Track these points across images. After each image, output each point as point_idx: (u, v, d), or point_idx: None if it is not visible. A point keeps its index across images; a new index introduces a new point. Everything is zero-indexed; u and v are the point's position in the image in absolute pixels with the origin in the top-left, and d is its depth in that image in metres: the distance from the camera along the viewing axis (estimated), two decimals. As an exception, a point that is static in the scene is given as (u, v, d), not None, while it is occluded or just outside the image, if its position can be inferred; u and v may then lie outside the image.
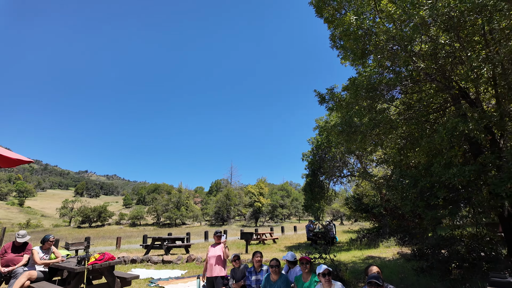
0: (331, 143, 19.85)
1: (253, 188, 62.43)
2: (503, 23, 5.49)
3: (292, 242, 21.18)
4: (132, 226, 63.80)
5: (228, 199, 60.51)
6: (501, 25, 5.53)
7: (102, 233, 43.88)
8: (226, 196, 61.12)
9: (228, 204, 60.02)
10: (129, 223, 67.08)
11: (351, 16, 6.23)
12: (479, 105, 6.56)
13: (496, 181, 5.06)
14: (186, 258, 12.54)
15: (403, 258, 10.10)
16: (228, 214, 60.01)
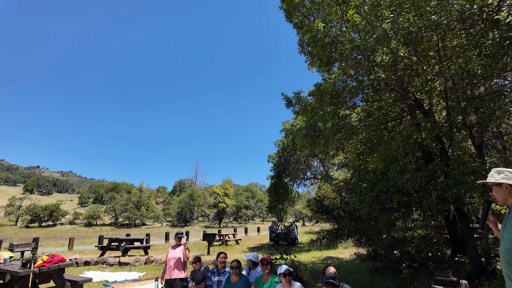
0: (296, 146, 20.27)
1: (218, 188, 61.93)
2: (455, 41, 5.96)
3: (255, 243, 21.29)
4: (88, 226, 60.31)
5: (192, 200, 59.38)
6: (453, 42, 6.00)
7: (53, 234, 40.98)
8: (190, 196, 59.94)
9: (191, 204, 58.88)
10: (84, 223, 63.33)
11: (319, 23, 6.41)
12: (432, 116, 7.06)
13: (443, 186, 5.47)
14: (145, 260, 12.10)
15: (359, 258, 10.56)
16: (191, 214, 58.86)
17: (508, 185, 2.39)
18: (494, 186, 2.48)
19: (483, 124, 6.27)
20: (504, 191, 2.41)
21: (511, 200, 2.40)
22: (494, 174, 2.50)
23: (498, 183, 2.43)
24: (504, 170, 2.45)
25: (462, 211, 6.89)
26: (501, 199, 2.45)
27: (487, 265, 6.43)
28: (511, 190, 2.39)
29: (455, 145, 7.57)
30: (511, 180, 2.38)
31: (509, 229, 2.33)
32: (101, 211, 65.82)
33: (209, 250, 15.62)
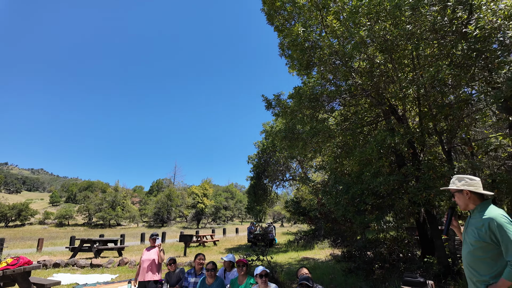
0: (276, 148, 20.42)
1: (197, 189, 61.25)
2: (428, 50, 6.21)
3: (233, 244, 21.22)
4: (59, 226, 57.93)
5: (169, 200, 58.36)
6: (426, 52, 6.26)
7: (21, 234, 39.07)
8: (167, 196, 58.89)
9: (169, 205, 57.86)
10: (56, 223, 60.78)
11: (299, 28, 6.50)
12: (405, 122, 7.32)
13: (414, 190, 5.68)
14: (118, 262, 11.77)
15: (335, 259, 10.77)
16: (168, 215, 57.84)
17: (468, 191, 2.52)
18: (456, 193, 2.60)
19: (452, 131, 6.57)
20: (465, 197, 2.54)
21: (471, 205, 2.53)
22: (455, 181, 2.63)
23: (459, 190, 2.56)
24: (464, 177, 2.58)
25: (431, 213, 7.18)
26: (462, 205, 2.58)
27: (453, 266, 6.73)
28: (471, 196, 2.51)
29: (426, 150, 7.88)
30: (471, 187, 2.51)
31: (470, 233, 2.45)
32: (74, 211, 63.41)
33: (186, 251, 15.41)
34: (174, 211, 59.16)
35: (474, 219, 2.46)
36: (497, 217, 2.29)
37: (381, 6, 5.68)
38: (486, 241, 2.31)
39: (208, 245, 20.33)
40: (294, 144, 7.97)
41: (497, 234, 2.25)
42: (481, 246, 2.34)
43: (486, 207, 2.43)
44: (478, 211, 2.46)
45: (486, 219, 2.33)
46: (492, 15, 3.97)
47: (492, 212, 2.35)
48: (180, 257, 13.98)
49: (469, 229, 2.48)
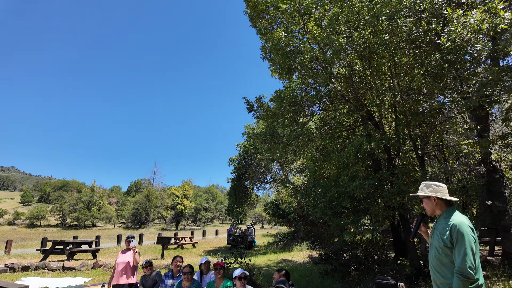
0: (257, 150, 20.47)
1: (177, 190, 60.32)
2: (404, 59, 6.44)
3: (212, 246, 21.05)
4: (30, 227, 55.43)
5: (148, 201, 57.15)
6: (402, 60, 6.48)
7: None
8: (146, 197, 57.64)
9: (147, 206, 56.66)
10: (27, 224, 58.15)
11: (280, 32, 6.57)
12: (382, 127, 7.54)
13: (389, 194, 5.86)
14: (92, 264, 11.41)
15: (312, 261, 10.91)
16: (147, 216, 56.62)
17: (435, 197, 2.62)
18: (424, 199, 2.71)
19: (425, 137, 6.84)
20: (432, 203, 2.64)
21: (438, 211, 2.63)
22: (423, 187, 2.73)
23: (427, 196, 2.66)
24: (432, 183, 2.69)
25: (404, 217, 7.42)
26: (430, 210, 2.69)
27: (424, 267, 6.97)
28: (438, 202, 2.62)
29: (401, 155, 8.15)
30: (438, 193, 2.62)
31: (436, 238, 2.55)
32: (47, 211, 60.88)
33: (163, 254, 15.15)
34: (153, 212, 57.98)
35: (440, 224, 2.56)
36: (461, 224, 2.38)
37: (360, 15, 5.83)
38: (447, 246, 2.41)
39: (186, 247, 20.07)
40: (274, 147, 8.03)
41: (454, 239, 2.36)
42: (444, 251, 2.44)
43: (452, 213, 2.52)
44: (444, 216, 2.56)
45: (450, 224, 2.44)
46: (462, 29, 4.17)
47: (456, 218, 2.45)
48: (158, 260, 13.73)
49: (435, 234, 2.58)
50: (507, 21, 3.95)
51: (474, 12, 4.13)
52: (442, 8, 4.63)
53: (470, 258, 2.26)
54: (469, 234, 2.33)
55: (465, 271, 2.24)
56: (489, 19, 3.99)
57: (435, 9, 4.69)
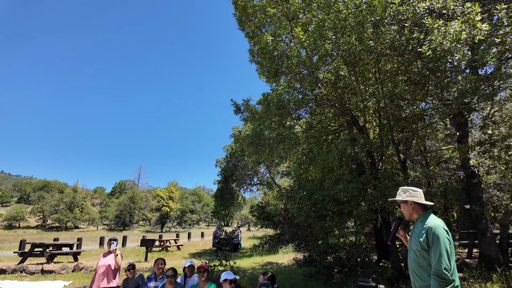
0: (244, 152, 20.47)
1: (162, 191, 59.53)
2: (388, 66, 6.60)
3: (197, 249, 20.86)
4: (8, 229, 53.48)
5: (132, 202, 56.12)
6: (386, 67, 6.64)
7: (-38, 238, 35.53)
8: (130, 198, 56.59)
9: (132, 207, 55.64)
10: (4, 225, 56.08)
11: (268, 36, 6.64)
12: (366, 132, 7.69)
13: (371, 198, 5.97)
14: (73, 267, 11.13)
15: (297, 264, 10.97)
16: (131, 218, 55.59)
17: (412, 202, 2.71)
18: (401, 203, 2.79)
19: (407, 143, 7.02)
20: (409, 207, 2.73)
21: (415, 215, 2.72)
22: (401, 192, 2.82)
23: (404, 200, 2.75)
24: (409, 188, 2.78)
25: (386, 220, 7.57)
26: (407, 215, 2.78)
27: (405, 270, 7.13)
28: (415, 206, 2.71)
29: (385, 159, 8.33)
30: (414, 198, 2.71)
31: (414, 241, 2.63)
32: (26, 212, 58.89)
33: (147, 256, 14.92)
34: (137, 214, 56.96)
35: (417, 228, 2.65)
36: (436, 227, 2.46)
37: (346, 22, 5.95)
38: (424, 248, 2.49)
39: (171, 250, 19.82)
40: (261, 150, 8.07)
41: (430, 241, 2.45)
42: (421, 253, 2.52)
43: (427, 217, 2.61)
44: (420, 220, 2.65)
45: (425, 227, 2.53)
46: (442, 38, 4.31)
47: (432, 221, 2.54)
48: (141, 263, 13.51)
49: (413, 237, 2.67)
50: (484, 32, 4.11)
51: (454, 23, 4.28)
52: (424, 17, 4.79)
53: (445, 259, 2.34)
54: (443, 236, 2.41)
55: (441, 272, 2.32)
56: (468, 30, 4.15)
57: (418, 18, 4.84)
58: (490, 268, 6.80)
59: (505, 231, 7.87)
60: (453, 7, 4.62)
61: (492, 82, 5.15)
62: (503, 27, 4.06)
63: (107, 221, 61.47)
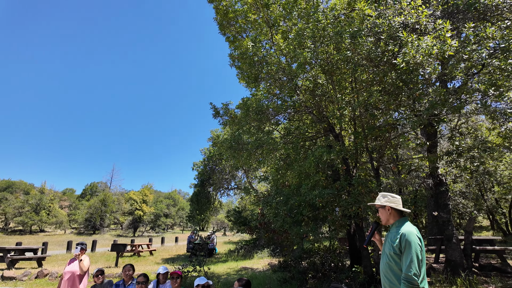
0: (222, 156, 20.34)
1: (136, 194, 57.81)
2: (364, 76, 6.81)
3: (171, 254, 20.38)
4: (-35, 233, 49.80)
5: (104, 205, 54.06)
6: (362, 77, 6.85)
7: None
8: (102, 201, 54.49)
9: (103, 210, 53.60)
10: (-39, 229, 52.19)
11: (248, 42, 6.67)
12: (341, 139, 7.87)
13: (345, 204, 6.10)
14: (37, 274, 10.52)
15: (272, 269, 10.97)
16: (102, 221, 53.50)
17: (389, 207, 2.79)
18: (380, 208, 2.88)
19: (380, 151, 7.25)
20: (387, 213, 2.82)
21: (391, 220, 2.81)
22: (380, 197, 2.91)
23: (383, 205, 2.83)
24: (388, 194, 2.87)
25: (359, 226, 7.75)
26: (384, 219, 2.86)
27: (376, 274, 7.31)
28: (392, 212, 2.80)
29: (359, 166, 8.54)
30: (392, 204, 2.80)
31: (387, 246, 2.70)
32: (-14, 215, 55.17)
33: (118, 261, 14.39)
34: (109, 218, 54.93)
35: (392, 233, 2.72)
36: (409, 234, 2.54)
37: (325, 31, 6.10)
38: (396, 253, 2.57)
39: (143, 255, 19.24)
40: (239, 155, 8.04)
41: (403, 247, 2.53)
42: (394, 258, 2.59)
43: (403, 223, 2.69)
44: (396, 226, 2.74)
45: (400, 233, 2.60)
46: (416, 52, 4.51)
47: (406, 228, 2.62)
48: (111, 268, 13.00)
49: (387, 242, 2.74)
50: (454, 48, 4.35)
51: (426, 38, 4.49)
52: (399, 31, 4.99)
53: (415, 265, 2.40)
54: (416, 243, 2.49)
55: (410, 277, 2.39)
56: (439, 45, 4.37)
57: (393, 31, 5.04)
58: (455, 273, 7.12)
59: (469, 237, 8.28)
60: (425, 23, 4.85)
61: (460, 96, 5.44)
62: (470, 44, 4.31)
63: (76, 225, 58.78)
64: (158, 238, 37.33)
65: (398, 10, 5.14)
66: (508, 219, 17.90)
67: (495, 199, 18.31)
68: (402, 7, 5.08)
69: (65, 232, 55.22)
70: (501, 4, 4.57)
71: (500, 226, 18.41)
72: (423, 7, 4.81)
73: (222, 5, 8.09)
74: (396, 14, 5.06)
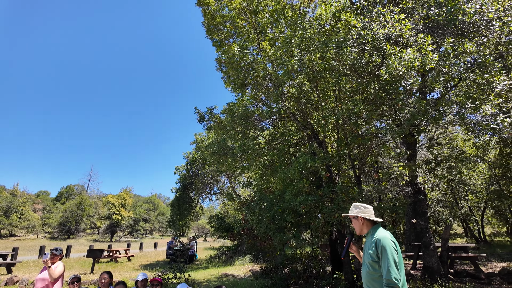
0: (205, 160, 20.15)
1: (114, 198, 56.16)
2: (348, 85, 6.96)
3: (150, 260, 19.87)
4: None
5: (80, 209, 52.13)
6: (346, 86, 7.00)
7: None
8: (78, 204, 52.53)
9: (79, 214, 51.68)
10: None
11: (235, 47, 6.69)
12: (325, 147, 7.98)
13: (328, 211, 6.16)
14: (6, 281, 9.98)
15: (254, 275, 10.89)
16: (77, 226, 51.54)
17: (362, 218, 2.85)
18: (353, 219, 2.93)
19: (362, 159, 7.40)
20: (360, 223, 2.88)
21: (365, 230, 2.87)
22: (353, 208, 2.97)
23: (355, 216, 2.89)
24: (360, 205, 2.93)
25: (341, 232, 7.85)
26: (358, 229, 2.92)
27: (357, 281, 7.40)
28: (365, 222, 2.86)
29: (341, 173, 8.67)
30: (364, 214, 2.87)
31: (366, 255, 2.75)
32: (-49, 218, 51.96)
33: (94, 268, 13.88)
34: (85, 222, 52.99)
35: (367, 242, 2.78)
36: (383, 239, 2.59)
37: (311, 40, 6.20)
38: (375, 260, 2.61)
39: (121, 261, 18.67)
40: (223, 160, 7.99)
41: (379, 253, 2.57)
42: (373, 266, 2.63)
43: (376, 230, 2.75)
44: (370, 234, 2.79)
45: (374, 240, 2.66)
46: (398, 64, 4.66)
47: (380, 233, 2.68)
48: (87, 275, 12.53)
49: (365, 251, 2.78)
50: (434, 61, 4.52)
51: (409, 51, 4.65)
52: (383, 43, 5.14)
53: (394, 269, 2.44)
54: (390, 246, 2.55)
55: (391, 282, 2.42)
56: (420, 58, 4.53)
57: (377, 43, 5.19)
58: (432, 279, 7.30)
59: (445, 244, 8.54)
60: (408, 36, 5.02)
61: (439, 107, 5.65)
62: (449, 58, 4.49)
63: (50, 229, 56.35)
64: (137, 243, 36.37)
65: (382, 23, 5.30)
66: (480, 226, 18.65)
67: (469, 207, 19.05)
68: (386, 19, 5.24)
69: (38, 237, 52.83)
70: (478, 22, 4.81)
71: (473, 233, 19.13)
72: (406, 20, 4.98)
73: (210, 9, 8.08)
74: (380, 26, 5.22)
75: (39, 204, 71.57)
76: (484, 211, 18.88)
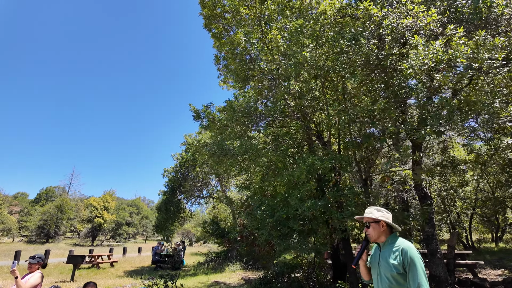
0: (196, 162, 19.45)
1: (96, 201, 54.20)
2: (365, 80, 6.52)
3: (134, 265, 18.93)
4: None
5: (60, 211, 50.04)
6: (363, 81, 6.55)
7: None
8: (58, 207, 50.43)
9: (59, 217, 49.58)
10: None
11: (240, 36, 6.16)
12: (330, 148, 7.53)
13: (339, 216, 5.68)
14: (-26, 291, 9.02)
15: (247, 283, 10.29)
16: (57, 229, 49.38)
17: (384, 223, 2.51)
18: (372, 223, 2.56)
19: (369, 161, 6.99)
20: (380, 229, 2.53)
21: (383, 237, 2.53)
22: (374, 211, 2.60)
23: (377, 220, 2.53)
24: (382, 209, 2.61)
25: (346, 240, 7.39)
26: (375, 235, 2.55)
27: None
28: (386, 228, 2.53)
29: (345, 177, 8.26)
30: (388, 219, 2.52)
31: (385, 267, 2.39)
32: None
33: (74, 275, 12.94)
34: (65, 225, 50.88)
35: (386, 251, 2.46)
36: (410, 249, 2.33)
37: (322, 31, 5.75)
38: (400, 272, 2.31)
39: (103, 267, 17.66)
40: (222, 161, 7.42)
41: (406, 265, 2.29)
42: (397, 279, 2.33)
43: (396, 239, 2.48)
44: (389, 243, 2.49)
45: (399, 249, 2.37)
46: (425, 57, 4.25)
47: (404, 243, 2.41)
48: (67, 283, 11.63)
49: (383, 262, 2.44)
50: (465, 55, 4.12)
51: (437, 43, 4.25)
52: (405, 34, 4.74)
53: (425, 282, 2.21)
54: (419, 258, 2.32)
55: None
56: (450, 51, 4.14)
57: (398, 34, 4.78)
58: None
59: (452, 252, 8.23)
60: (433, 28, 4.63)
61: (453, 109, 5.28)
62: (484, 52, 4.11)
63: (27, 232, 53.85)
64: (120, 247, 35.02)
65: (403, 13, 4.90)
66: (468, 233, 18.74)
67: (457, 214, 19.09)
68: (407, 10, 4.84)
69: (14, 240, 50.42)
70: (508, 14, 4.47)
71: (461, 240, 19.18)
72: (433, 10, 4.59)
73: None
74: (402, 16, 4.82)
75: (16, 206, 68.50)
76: (472, 217, 18.98)
